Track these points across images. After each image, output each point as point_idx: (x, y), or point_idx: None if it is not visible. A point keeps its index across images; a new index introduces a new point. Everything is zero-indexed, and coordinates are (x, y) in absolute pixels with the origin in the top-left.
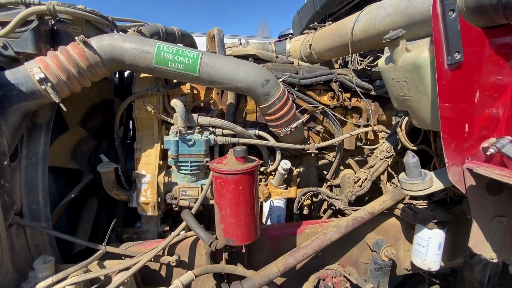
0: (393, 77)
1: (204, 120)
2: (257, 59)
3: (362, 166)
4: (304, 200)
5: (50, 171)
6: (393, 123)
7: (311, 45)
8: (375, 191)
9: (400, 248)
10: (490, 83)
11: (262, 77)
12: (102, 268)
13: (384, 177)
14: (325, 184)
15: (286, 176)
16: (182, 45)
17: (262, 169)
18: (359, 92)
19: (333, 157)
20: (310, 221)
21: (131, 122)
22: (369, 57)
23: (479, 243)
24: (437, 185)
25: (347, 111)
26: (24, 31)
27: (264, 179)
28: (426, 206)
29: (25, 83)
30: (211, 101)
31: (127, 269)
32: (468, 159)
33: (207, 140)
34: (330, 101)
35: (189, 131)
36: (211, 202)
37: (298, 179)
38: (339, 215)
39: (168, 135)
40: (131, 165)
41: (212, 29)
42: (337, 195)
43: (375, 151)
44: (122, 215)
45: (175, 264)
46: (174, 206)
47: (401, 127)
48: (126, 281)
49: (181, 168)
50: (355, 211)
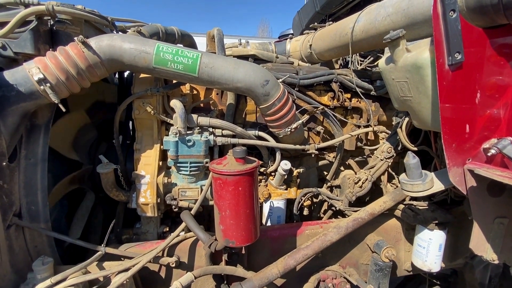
0: (394, 78)
1: (203, 120)
2: (257, 60)
3: (362, 166)
4: (304, 201)
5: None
6: (393, 123)
7: (311, 45)
8: (375, 192)
9: (400, 249)
10: (491, 84)
11: (262, 77)
12: (101, 269)
13: (384, 178)
14: (325, 184)
15: (286, 176)
16: (181, 46)
17: (262, 169)
18: (360, 92)
19: (333, 157)
20: (310, 222)
21: (130, 122)
22: (370, 57)
23: (480, 245)
24: (438, 186)
25: (347, 111)
26: (23, 31)
27: (264, 180)
28: (426, 207)
29: (23, 84)
30: (211, 102)
31: (126, 270)
32: (469, 160)
33: (207, 140)
34: (330, 101)
35: (188, 132)
36: (211, 203)
37: (298, 180)
38: (339, 216)
39: (167, 135)
40: (131, 166)
41: (212, 29)
42: (337, 196)
43: (375, 152)
44: (121, 216)
45: (174, 265)
46: (173, 207)
47: (401, 127)
48: (125, 282)
49: (181, 168)
50: (356, 212)
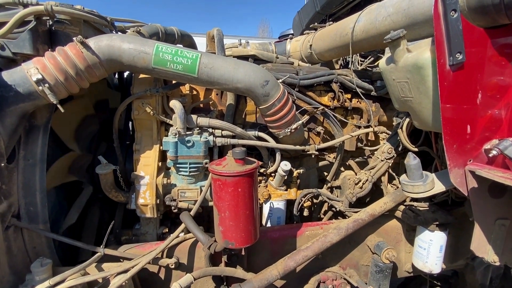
0: (394, 78)
1: (203, 121)
2: (257, 60)
3: (362, 167)
4: (304, 201)
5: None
6: (394, 124)
7: (311, 45)
8: (376, 193)
9: (401, 250)
10: (492, 84)
11: (261, 77)
12: (100, 270)
13: (385, 179)
14: (325, 185)
15: (286, 177)
16: (181, 46)
17: (262, 170)
18: (360, 92)
19: (334, 158)
20: (310, 223)
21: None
22: (370, 57)
23: (481, 246)
24: (439, 187)
25: (347, 112)
26: (21, 31)
27: (264, 181)
28: (427, 208)
29: (22, 84)
30: (211, 102)
31: (126, 271)
32: (470, 161)
33: (206, 141)
34: (330, 102)
35: (188, 132)
36: (210, 204)
37: (298, 181)
38: (339, 217)
39: (167, 136)
40: (130, 167)
41: (212, 29)
42: (337, 197)
43: (376, 152)
44: (120, 217)
45: (174, 266)
46: (173, 208)
47: (402, 128)
48: (124, 284)
49: (180, 169)
50: (356, 213)
